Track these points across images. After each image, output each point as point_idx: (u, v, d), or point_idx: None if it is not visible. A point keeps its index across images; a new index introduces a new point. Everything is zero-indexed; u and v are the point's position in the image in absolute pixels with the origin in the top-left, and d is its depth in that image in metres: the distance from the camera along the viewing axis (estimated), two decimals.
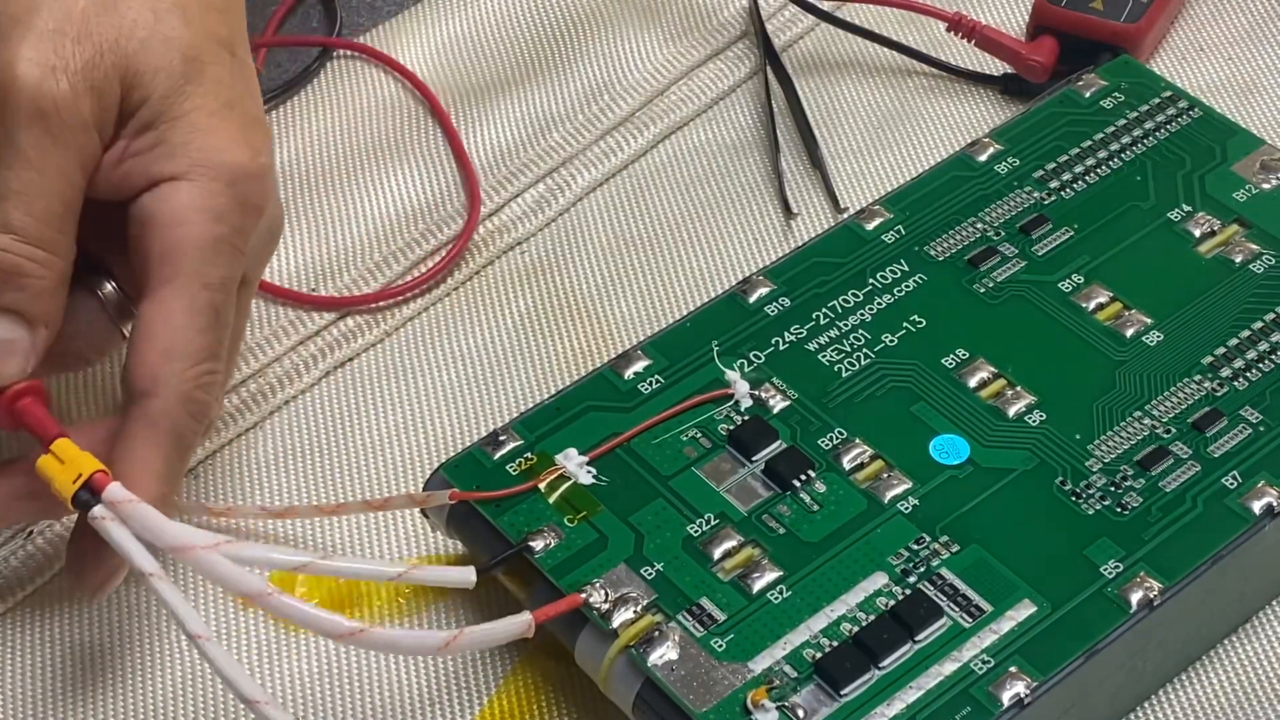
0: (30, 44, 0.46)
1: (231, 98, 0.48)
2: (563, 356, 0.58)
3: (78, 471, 0.45)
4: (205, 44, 0.48)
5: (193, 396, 0.47)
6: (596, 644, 0.46)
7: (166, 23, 0.48)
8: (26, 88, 0.45)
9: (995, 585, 0.47)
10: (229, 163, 0.47)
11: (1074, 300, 0.53)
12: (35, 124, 0.46)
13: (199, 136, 0.47)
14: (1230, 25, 0.67)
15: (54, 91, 0.46)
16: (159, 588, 0.44)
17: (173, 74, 0.47)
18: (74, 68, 0.46)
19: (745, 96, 0.66)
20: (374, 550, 0.53)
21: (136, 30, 0.47)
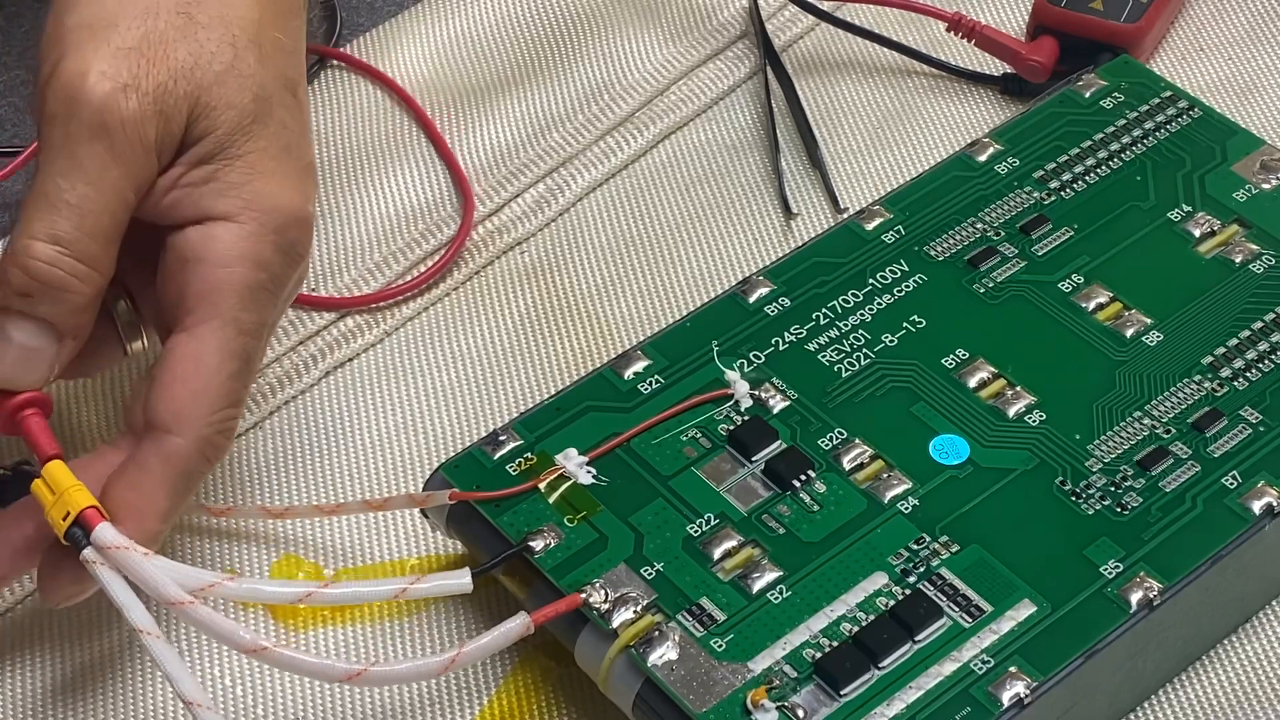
0: (105, 58, 0.46)
1: (290, 142, 0.48)
2: (563, 356, 0.58)
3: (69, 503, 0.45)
4: (275, 86, 0.48)
5: (212, 440, 0.47)
6: (596, 644, 0.46)
7: (244, 60, 0.47)
8: (94, 101, 0.45)
9: (995, 585, 0.47)
10: (281, 208, 0.47)
11: (1074, 300, 0.53)
12: (99, 139, 0.45)
13: (256, 180, 0.47)
14: (1230, 25, 0.67)
15: (122, 109, 0.45)
16: (152, 647, 0.44)
17: (243, 112, 0.47)
18: (145, 88, 0.46)
19: (745, 96, 0.66)
20: (374, 550, 0.53)
21: (214, 63, 0.47)
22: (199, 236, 0.47)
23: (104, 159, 0.45)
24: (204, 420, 0.46)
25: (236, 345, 0.47)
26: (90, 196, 0.45)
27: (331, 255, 0.60)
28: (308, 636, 0.51)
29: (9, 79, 0.67)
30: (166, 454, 0.46)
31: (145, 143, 0.46)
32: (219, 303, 0.46)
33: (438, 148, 0.63)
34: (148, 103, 0.46)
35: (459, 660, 0.44)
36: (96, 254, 0.46)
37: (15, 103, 0.67)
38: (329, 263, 0.60)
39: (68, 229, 0.45)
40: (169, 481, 0.46)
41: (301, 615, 0.51)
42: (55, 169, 0.45)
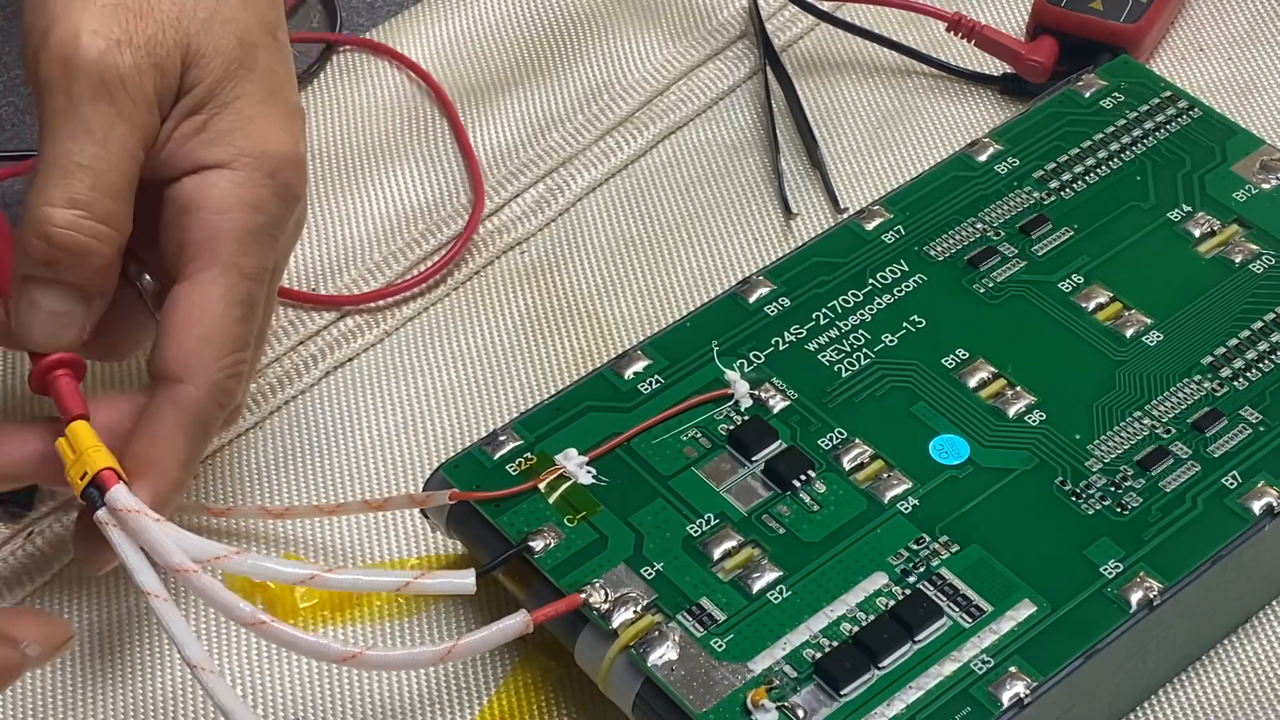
0: (93, 16, 0.46)
1: (275, 85, 0.48)
2: (563, 356, 0.58)
3: (88, 463, 0.45)
4: (258, 30, 0.48)
5: (223, 386, 0.47)
6: (596, 644, 0.46)
7: (227, 5, 0.47)
8: (91, 61, 0.45)
9: (995, 585, 0.47)
10: (272, 152, 0.47)
11: (1074, 300, 0.53)
12: (101, 98, 0.45)
13: (245, 124, 0.47)
14: (1230, 25, 0.67)
15: (119, 65, 0.45)
16: (159, 609, 0.44)
17: (229, 57, 0.47)
18: (138, 42, 0.46)
19: (745, 96, 0.66)
20: (374, 550, 0.53)
21: (198, 10, 0.47)
22: (195, 185, 0.47)
23: (109, 117, 0.45)
24: (213, 366, 0.46)
25: (240, 290, 0.47)
26: (101, 156, 0.45)
27: (332, 255, 0.60)
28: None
29: (9, 79, 0.67)
30: (179, 403, 0.46)
31: (146, 96, 0.46)
32: (219, 249, 0.46)
33: (458, 138, 0.63)
34: (142, 56, 0.46)
35: (455, 652, 0.44)
36: (115, 212, 0.46)
37: (15, 103, 0.67)
38: (329, 262, 0.60)
39: (83, 191, 0.45)
40: (184, 430, 0.46)
41: (301, 614, 0.51)
42: (62, 133, 0.45)
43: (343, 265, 0.60)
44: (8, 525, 0.53)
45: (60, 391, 0.46)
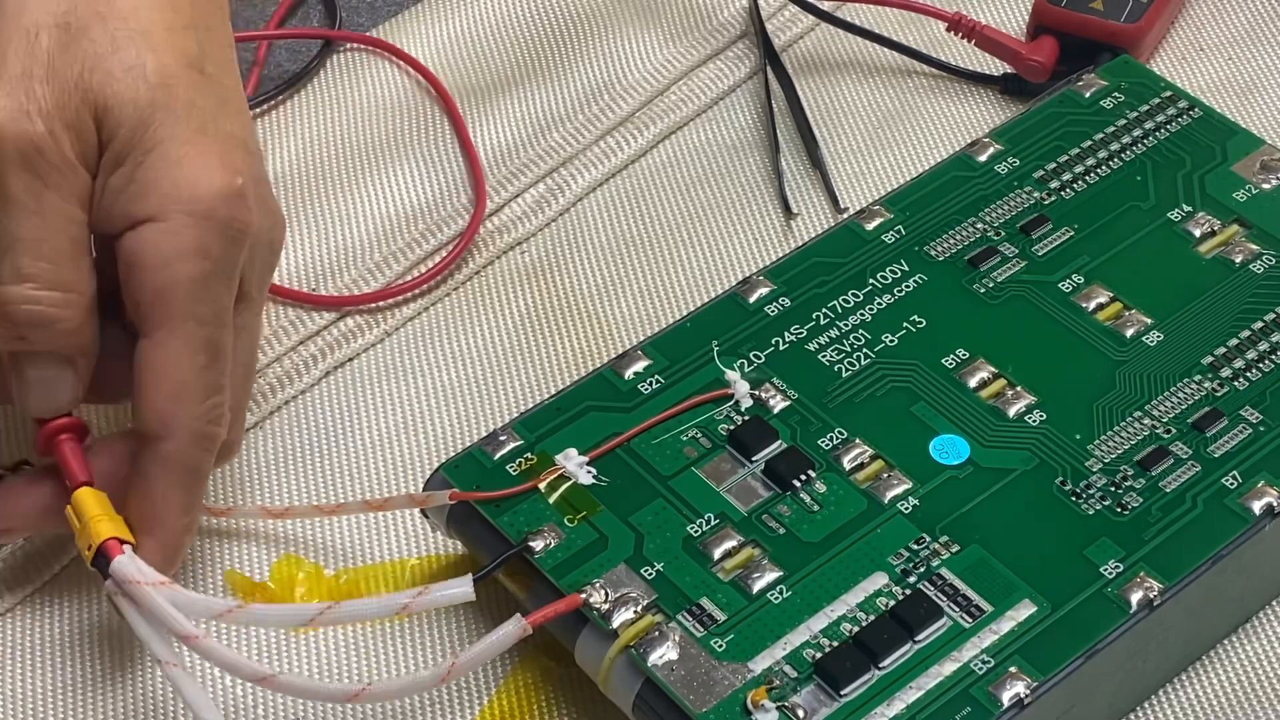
0: (1, 91, 0.46)
1: (204, 120, 0.47)
2: (563, 356, 0.58)
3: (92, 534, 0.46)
4: (174, 67, 0.47)
5: (204, 432, 0.47)
6: (596, 644, 0.46)
7: (128, 50, 0.47)
8: (6, 134, 0.45)
9: (995, 585, 0.47)
10: (204, 194, 0.47)
11: (1074, 300, 0.53)
12: (23, 169, 0.45)
13: (171, 169, 0.46)
14: (1230, 25, 0.67)
15: (31, 133, 0.45)
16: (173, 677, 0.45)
17: (139, 104, 0.47)
18: (45, 108, 0.46)
19: (745, 96, 0.66)
20: (374, 550, 0.53)
21: (100, 62, 0.46)
22: (133, 243, 0.47)
23: (35, 186, 0.46)
24: (189, 417, 0.47)
25: (199, 338, 0.47)
26: (38, 226, 0.46)
27: (331, 255, 0.60)
28: (308, 638, 0.51)
29: None
30: (165, 458, 0.47)
31: (66, 159, 0.46)
32: (170, 303, 0.46)
33: (459, 136, 0.63)
34: (53, 120, 0.46)
35: (455, 670, 0.44)
36: (67, 277, 0.46)
37: None
38: (329, 262, 0.60)
39: (29, 263, 0.46)
40: (176, 482, 0.47)
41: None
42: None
43: (343, 265, 0.60)
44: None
45: (64, 458, 0.48)
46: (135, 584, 0.45)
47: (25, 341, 0.46)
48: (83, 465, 0.48)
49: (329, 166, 0.63)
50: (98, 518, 0.46)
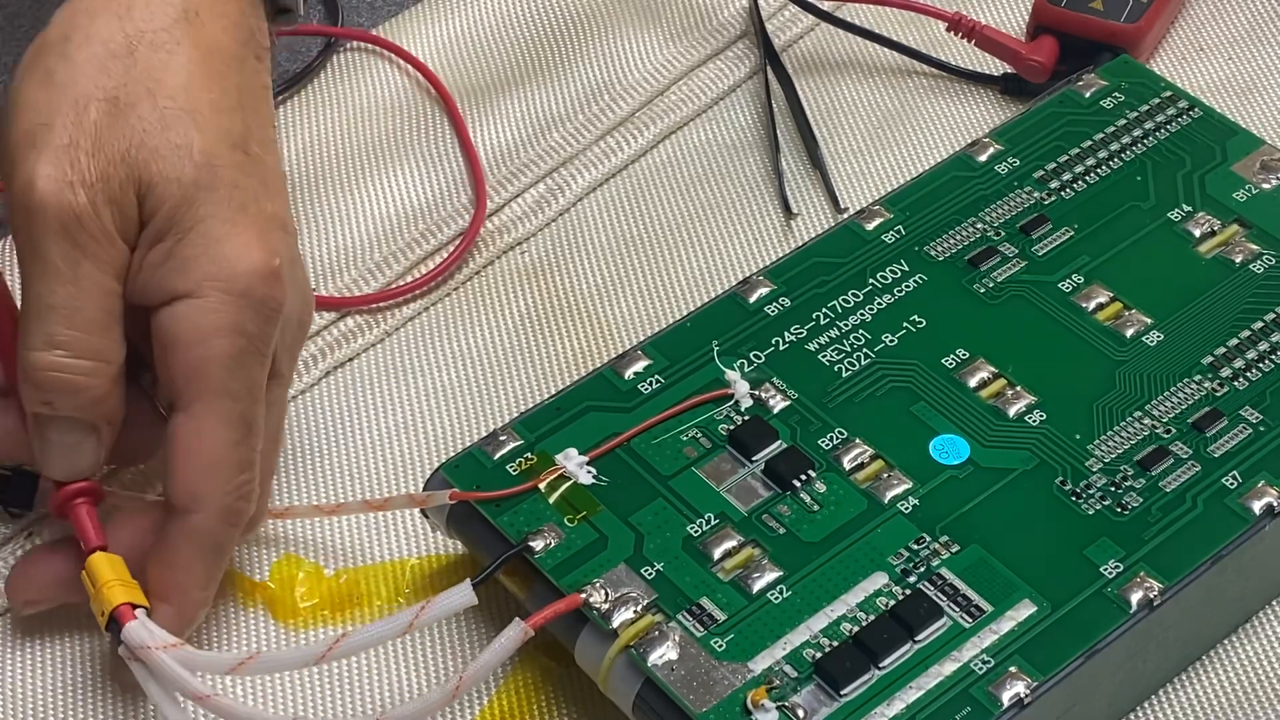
0: (47, 159, 0.46)
1: (245, 200, 0.48)
2: (563, 356, 0.58)
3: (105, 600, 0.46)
4: (218, 147, 0.48)
5: (233, 508, 0.48)
6: (596, 644, 0.46)
7: (175, 129, 0.47)
8: (48, 204, 0.46)
9: (995, 585, 0.47)
10: (242, 272, 0.47)
11: (1074, 300, 0.53)
12: (62, 238, 0.46)
13: (211, 247, 0.47)
14: (1230, 25, 0.67)
15: (74, 205, 0.46)
16: None
17: (184, 182, 0.47)
18: (89, 180, 0.46)
19: (745, 96, 0.66)
20: (374, 550, 0.53)
21: (147, 139, 0.47)
22: (169, 319, 0.47)
23: (73, 256, 0.46)
24: (219, 493, 0.47)
25: (233, 414, 0.47)
26: (73, 294, 0.46)
27: (331, 255, 0.60)
28: (309, 635, 0.51)
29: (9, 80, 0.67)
30: (192, 531, 0.47)
31: (106, 231, 0.46)
32: (205, 379, 0.47)
33: (460, 136, 0.63)
34: (95, 193, 0.46)
35: (464, 684, 0.44)
36: (97, 346, 0.47)
37: None
38: (329, 263, 0.60)
39: (60, 330, 0.46)
40: (200, 555, 0.48)
41: (302, 614, 0.51)
42: (33, 277, 0.46)
43: (343, 265, 0.60)
44: (7, 525, 0.53)
45: (79, 522, 0.48)
46: (146, 649, 0.45)
47: (51, 406, 0.47)
48: (98, 530, 0.48)
49: (329, 166, 0.63)
50: (110, 583, 0.47)
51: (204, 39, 0.49)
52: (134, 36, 0.48)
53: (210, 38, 0.49)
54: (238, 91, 0.49)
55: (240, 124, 0.49)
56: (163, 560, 0.48)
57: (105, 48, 0.48)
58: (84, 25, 0.48)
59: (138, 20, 0.48)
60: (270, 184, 0.49)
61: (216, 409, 0.47)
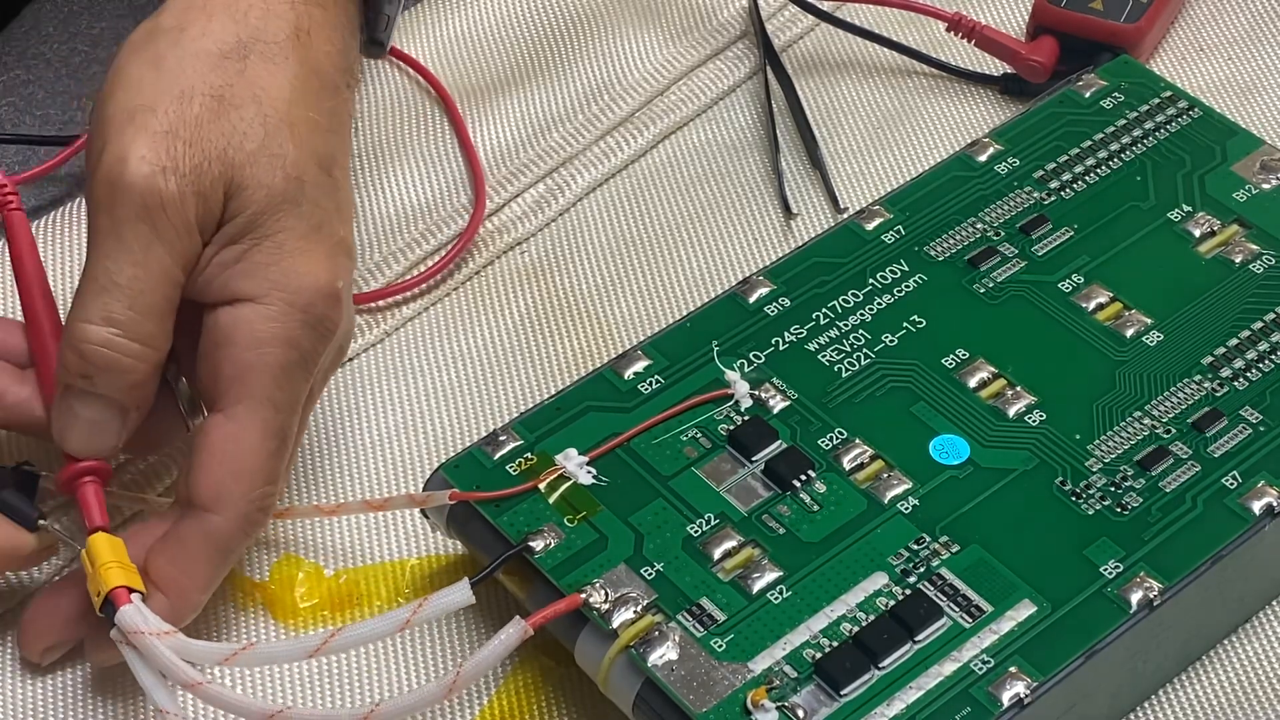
0: (144, 142, 0.47)
1: (321, 220, 0.49)
2: (563, 356, 0.58)
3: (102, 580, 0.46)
4: (307, 164, 0.49)
5: (251, 517, 0.48)
6: (596, 644, 0.46)
7: (275, 139, 0.48)
8: (136, 184, 0.46)
9: (995, 585, 0.47)
10: (308, 287, 0.48)
11: (1074, 300, 0.53)
12: (142, 220, 0.47)
13: (284, 259, 0.48)
14: (1230, 25, 0.67)
15: (162, 190, 0.47)
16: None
17: (273, 191, 0.48)
18: (183, 170, 0.47)
19: (745, 96, 0.66)
20: (374, 550, 0.53)
21: (246, 142, 0.48)
22: (229, 319, 0.48)
23: (148, 239, 0.47)
24: (243, 498, 0.48)
25: (273, 424, 0.48)
26: (139, 277, 0.47)
27: None
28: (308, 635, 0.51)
29: (9, 79, 0.67)
30: (207, 531, 0.48)
31: (187, 222, 0.47)
32: (252, 384, 0.47)
33: (459, 137, 0.63)
34: (186, 183, 0.47)
35: (460, 680, 0.44)
36: (151, 331, 0.47)
37: (15, 102, 0.67)
38: None
39: (120, 309, 0.47)
40: (209, 557, 0.48)
41: (301, 614, 0.51)
42: (103, 252, 0.47)
43: None
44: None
45: (85, 500, 0.48)
46: (140, 634, 0.45)
47: (90, 382, 0.47)
48: (101, 510, 0.48)
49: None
50: (108, 565, 0.47)
51: (310, 59, 0.50)
52: (248, 42, 0.49)
53: (315, 59, 0.50)
54: (330, 115, 0.50)
55: (329, 147, 0.50)
56: (169, 554, 0.48)
57: (219, 46, 0.49)
58: (201, 20, 0.49)
59: (254, 28, 0.50)
60: (343, 209, 0.50)
61: (258, 416, 0.48)
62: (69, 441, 0.48)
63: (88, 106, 0.49)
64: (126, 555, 0.47)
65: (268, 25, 0.50)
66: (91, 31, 0.69)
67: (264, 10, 0.50)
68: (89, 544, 0.47)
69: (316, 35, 0.51)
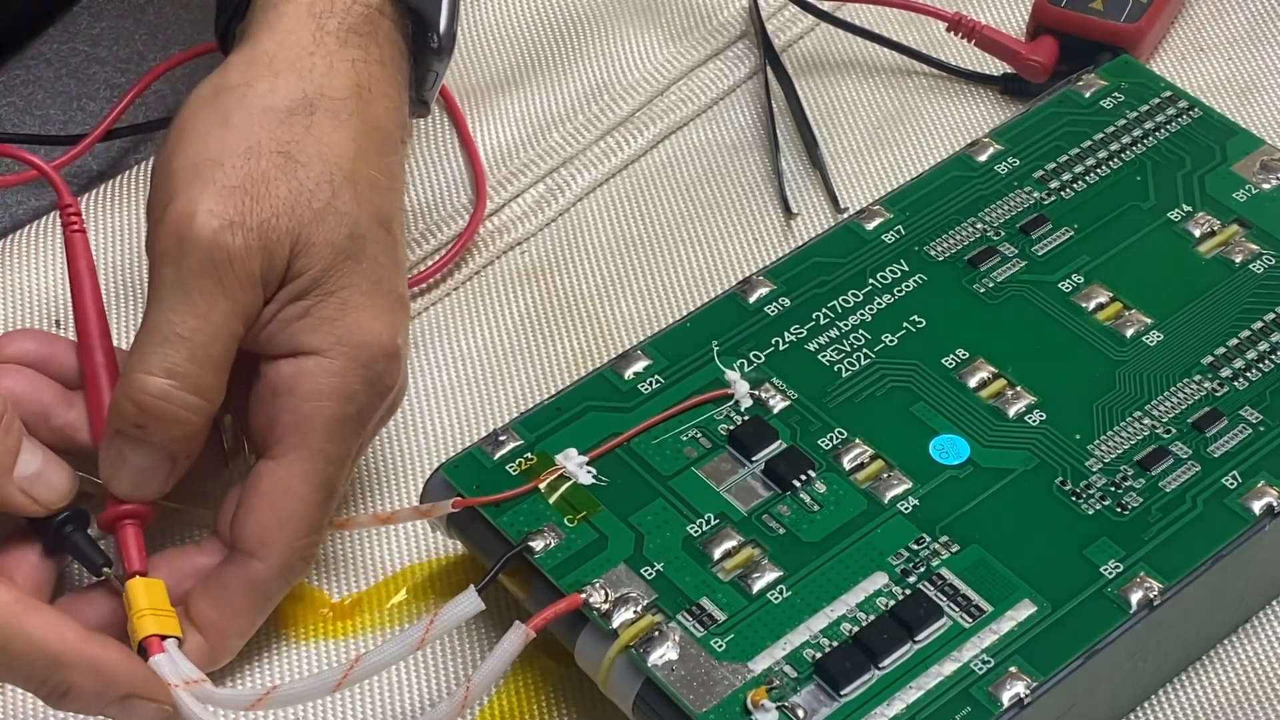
0: (211, 196, 0.47)
1: (381, 276, 0.49)
2: (563, 356, 0.58)
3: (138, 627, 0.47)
4: (369, 222, 0.49)
5: (295, 566, 0.49)
6: (596, 644, 0.46)
7: (341, 197, 0.49)
8: (203, 239, 0.47)
9: (995, 585, 0.47)
10: (370, 343, 0.48)
11: (1074, 300, 0.53)
12: (208, 274, 0.47)
13: (347, 314, 0.48)
14: (1230, 25, 0.67)
15: (229, 245, 0.47)
16: None
17: (338, 249, 0.48)
18: (250, 224, 0.47)
19: (745, 96, 0.66)
20: (374, 550, 0.53)
21: (313, 200, 0.48)
22: (290, 370, 0.48)
23: (213, 293, 0.47)
24: (288, 547, 0.48)
25: (323, 476, 0.48)
26: (201, 329, 0.47)
27: None
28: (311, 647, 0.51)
29: (9, 79, 0.67)
30: (249, 577, 0.48)
31: (251, 277, 0.47)
32: (307, 435, 0.48)
33: (461, 137, 0.63)
34: (253, 239, 0.47)
35: (472, 693, 0.45)
36: (208, 384, 0.47)
37: (15, 102, 0.67)
38: None
39: (179, 361, 0.47)
40: (249, 602, 0.48)
41: (306, 626, 0.51)
42: (166, 304, 0.47)
43: None
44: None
45: (124, 543, 0.48)
46: (170, 685, 0.46)
47: (144, 431, 0.47)
48: (140, 554, 0.48)
49: None
50: (142, 613, 0.47)
51: (370, 116, 0.51)
52: (314, 99, 0.50)
53: (375, 116, 0.51)
54: (388, 173, 0.51)
55: (387, 204, 0.51)
56: (211, 596, 0.48)
57: (286, 103, 0.49)
58: (268, 78, 0.50)
59: (318, 84, 0.50)
60: (400, 265, 0.51)
61: (309, 466, 0.48)
62: (116, 485, 0.48)
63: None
64: (164, 597, 0.48)
65: (332, 82, 0.50)
66: (92, 31, 0.69)
67: (328, 68, 0.50)
68: (127, 589, 0.48)
69: (377, 92, 0.51)
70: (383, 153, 0.51)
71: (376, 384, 0.49)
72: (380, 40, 0.52)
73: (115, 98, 0.66)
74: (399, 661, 0.48)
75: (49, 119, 0.66)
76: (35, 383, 0.50)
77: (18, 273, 0.59)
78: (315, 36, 0.51)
